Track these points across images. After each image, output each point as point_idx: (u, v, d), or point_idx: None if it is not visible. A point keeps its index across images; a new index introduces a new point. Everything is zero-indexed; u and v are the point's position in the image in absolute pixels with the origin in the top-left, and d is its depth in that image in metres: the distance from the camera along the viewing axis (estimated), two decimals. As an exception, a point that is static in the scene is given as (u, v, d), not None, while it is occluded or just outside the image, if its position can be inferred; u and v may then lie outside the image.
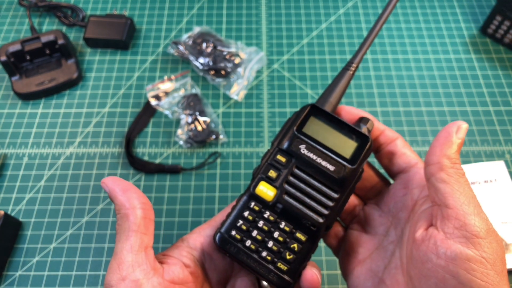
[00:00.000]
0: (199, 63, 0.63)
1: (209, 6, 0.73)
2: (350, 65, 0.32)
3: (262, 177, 0.30)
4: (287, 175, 0.30)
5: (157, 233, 0.52)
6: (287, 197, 0.29)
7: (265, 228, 0.29)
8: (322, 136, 0.30)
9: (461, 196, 0.24)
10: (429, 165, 0.26)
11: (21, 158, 0.58)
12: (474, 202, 0.24)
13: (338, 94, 0.32)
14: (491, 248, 0.23)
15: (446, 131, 0.26)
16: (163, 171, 0.56)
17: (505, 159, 0.56)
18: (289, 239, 0.29)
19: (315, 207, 0.29)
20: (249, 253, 0.29)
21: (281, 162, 0.30)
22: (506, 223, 0.50)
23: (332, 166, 0.29)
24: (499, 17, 0.64)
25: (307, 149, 0.30)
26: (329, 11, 0.72)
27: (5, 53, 0.61)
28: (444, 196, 0.25)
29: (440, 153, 0.26)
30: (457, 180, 0.25)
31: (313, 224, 0.29)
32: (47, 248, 0.51)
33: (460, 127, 0.26)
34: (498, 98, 0.62)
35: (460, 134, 0.26)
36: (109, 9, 0.73)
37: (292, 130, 0.30)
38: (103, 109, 0.62)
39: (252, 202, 0.29)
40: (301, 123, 0.31)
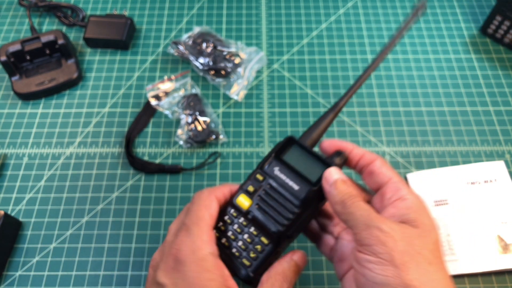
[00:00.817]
0: (199, 63, 0.63)
1: (209, 6, 0.73)
2: (336, 107, 0.37)
3: (243, 190, 0.37)
4: (260, 190, 0.36)
5: (157, 233, 0.52)
6: (257, 208, 0.35)
7: (238, 230, 0.35)
8: (295, 162, 0.36)
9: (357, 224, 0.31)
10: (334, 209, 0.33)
11: (21, 158, 0.58)
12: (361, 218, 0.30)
13: (320, 132, 0.37)
14: (384, 248, 0.28)
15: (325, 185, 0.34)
16: (163, 171, 0.56)
17: (505, 159, 0.56)
18: (254, 241, 0.35)
19: (276, 218, 0.35)
20: (223, 248, 0.35)
21: (259, 180, 0.37)
22: (506, 223, 0.50)
23: (297, 186, 0.35)
24: (499, 17, 0.64)
25: (280, 171, 0.36)
26: (329, 11, 0.72)
27: (5, 53, 0.61)
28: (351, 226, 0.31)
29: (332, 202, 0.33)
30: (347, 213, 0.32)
31: (273, 232, 0.34)
32: (47, 248, 0.51)
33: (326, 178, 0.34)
34: (498, 98, 0.62)
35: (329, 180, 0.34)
36: (109, 9, 0.73)
37: (271, 155, 0.37)
38: (103, 109, 0.62)
39: (232, 209, 0.36)
40: (279, 151, 0.37)
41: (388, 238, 0.28)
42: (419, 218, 0.30)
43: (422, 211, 0.30)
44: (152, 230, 0.52)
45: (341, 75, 0.64)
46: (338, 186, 0.32)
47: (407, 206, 0.30)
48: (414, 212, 0.30)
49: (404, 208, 0.30)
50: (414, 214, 0.30)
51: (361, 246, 0.29)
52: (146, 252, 0.51)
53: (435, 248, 0.29)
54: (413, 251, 0.28)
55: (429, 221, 0.30)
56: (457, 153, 0.57)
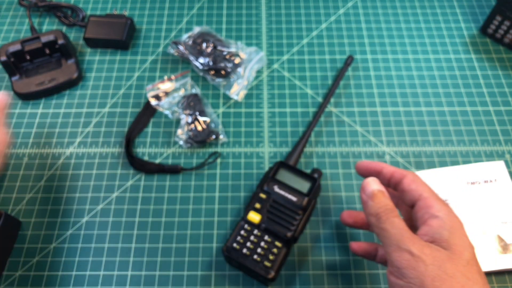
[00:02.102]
0: (199, 63, 0.63)
1: (209, 6, 0.73)
2: (305, 135, 0.55)
3: (251, 207, 0.48)
4: (267, 205, 0.48)
5: (157, 233, 0.52)
6: (267, 220, 0.47)
7: (255, 241, 0.46)
8: (288, 180, 0.49)
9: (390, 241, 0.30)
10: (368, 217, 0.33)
11: (21, 158, 0.58)
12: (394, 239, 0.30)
13: (299, 152, 0.55)
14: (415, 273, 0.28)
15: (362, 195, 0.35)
16: (163, 171, 0.56)
17: (505, 159, 0.56)
18: (270, 247, 0.45)
19: (285, 225, 0.46)
20: (246, 257, 0.45)
21: (263, 198, 0.48)
22: (506, 223, 0.50)
23: (295, 198, 0.47)
24: (499, 17, 0.64)
25: (279, 188, 0.49)
26: (329, 11, 0.72)
27: (5, 53, 0.61)
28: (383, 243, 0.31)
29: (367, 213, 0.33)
30: (379, 228, 0.31)
31: (285, 236, 0.45)
32: (47, 248, 0.51)
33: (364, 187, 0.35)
34: (498, 98, 0.62)
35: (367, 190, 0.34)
36: (109, 9, 0.73)
37: (268, 177, 0.50)
38: (103, 109, 0.62)
39: (246, 224, 0.47)
40: (274, 173, 0.50)
41: (419, 263, 0.27)
42: (451, 237, 0.29)
43: (455, 229, 0.29)
44: (152, 230, 0.52)
45: (341, 75, 0.64)
46: (376, 198, 0.32)
47: (439, 224, 0.30)
48: (446, 230, 0.29)
49: (436, 226, 0.30)
50: (446, 233, 0.29)
51: (393, 267, 0.29)
52: (146, 252, 0.51)
53: (469, 268, 0.28)
54: (445, 276, 0.27)
55: (461, 240, 0.29)
56: (457, 153, 0.57)
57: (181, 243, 0.51)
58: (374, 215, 0.31)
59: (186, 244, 0.51)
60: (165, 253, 0.51)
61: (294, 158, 0.54)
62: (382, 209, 0.31)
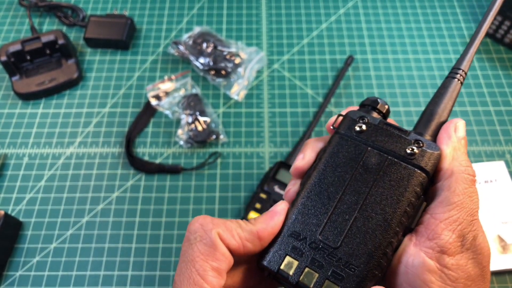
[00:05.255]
0: (199, 63, 0.63)
1: (209, 6, 0.73)
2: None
3: (251, 208, 0.48)
4: (268, 205, 0.47)
5: (157, 233, 0.52)
6: None
7: None
8: (288, 180, 0.47)
9: (452, 208, 0.23)
10: (442, 170, 0.25)
11: (21, 158, 0.58)
12: (463, 217, 0.23)
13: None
14: (457, 266, 0.22)
15: (445, 132, 0.25)
16: (163, 171, 0.56)
17: (505, 159, 0.56)
18: None
19: None
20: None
21: (263, 198, 0.49)
22: (506, 223, 0.50)
23: None
24: (500, 17, 0.64)
25: (279, 188, 0.50)
26: (329, 11, 0.72)
27: (5, 53, 0.61)
28: (435, 204, 0.24)
29: (449, 156, 0.25)
30: (463, 190, 0.23)
31: None
32: (47, 248, 0.51)
33: (456, 126, 0.25)
34: (498, 98, 0.62)
35: (458, 133, 0.25)
36: (109, 9, 0.73)
37: (269, 177, 0.50)
38: (103, 109, 0.62)
39: None
40: (274, 173, 0.51)
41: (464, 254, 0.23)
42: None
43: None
44: (152, 230, 0.52)
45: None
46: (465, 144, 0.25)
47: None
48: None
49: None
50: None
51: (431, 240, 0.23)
52: (147, 252, 0.51)
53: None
54: (480, 276, 0.23)
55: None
56: (457, 153, 0.57)
57: (181, 243, 0.51)
58: (468, 166, 0.24)
59: (186, 244, 0.51)
60: (165, 253, 0.51)
61: (294, 158, 0.54)
62: (467, 163, 0.24)
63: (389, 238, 0.22)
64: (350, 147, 0.25)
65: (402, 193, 0.23)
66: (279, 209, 0.25)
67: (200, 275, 0.22)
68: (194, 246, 0.23)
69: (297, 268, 0.22)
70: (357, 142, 0.25)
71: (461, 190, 0.23)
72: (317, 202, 0.24)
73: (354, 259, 0.22)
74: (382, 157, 0.24)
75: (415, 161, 0.23)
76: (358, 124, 0.25)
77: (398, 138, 0.24)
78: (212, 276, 0.22)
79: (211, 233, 0.23)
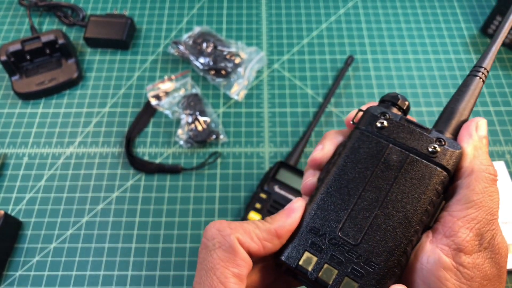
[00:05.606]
0: (199, 63, 0.63)
1: (209, 6, 0.73)
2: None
3: (252, 207, 0.48)
4: (268, 205, 0.49)
5: (157, 233, 0.52)
6: None
7: None
8: (288, 180, 0.50)
9: (470, 207, 0.23)
10: (463, 168, 0.25)
11: (21, 158, 0.58)
12: (482, 215, 0.23)
13: (299, 152, 0.37)
14: (473, 264, 0.22)
15: (466, 130, 0.25)
16: (163, 171, 0.56)
17: (505, 159, 0.56)
18: None
19: None
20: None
21: (263, 198, 0.50)
22: (506, 223, 0.50)
23: (294, 197, 0.43)
24: (500, 17, 0.64)
25: (279, 188, 0.50)
26: (329, 11, 0.72)
27: (5, 53, 0.61)
28: (453, 202, 0.23)
29: (471, 154, 0.24)
30: (483, 189, 0.23)
31: None
32: (47, 248, 0.51)
33: (478, 124, 0.25)
34: (498, 98, 0.62)
35: (479, 132, 0.25)
36: (109, 8, 0.73)
37: (269, 177, 0.51)
38: (103, 109, 0.62)
39: None
40: (274, 173, 0.51)
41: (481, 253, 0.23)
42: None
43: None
44: (152, 230, 0.52)
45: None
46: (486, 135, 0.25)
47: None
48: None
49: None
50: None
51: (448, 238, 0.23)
52: (146, 252, 0.51)
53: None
54: (497, 276, 0.23)
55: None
56: (457, 153, 0.57)
57: (181, 243, 0.51)
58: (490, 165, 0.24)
59: (186, 244, 0.51)
60: (165, 253, 0.51)
61: (294, 158, 0.54)
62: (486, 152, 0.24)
63: (409, 236, 0.22)
64: (371, 144, 0.24)
65: (423, 191, 0.23)
66: (297, 206, 0.24)
67: (222, 282, 0.21)
68: (213, 253, 0.22)
69: (316, 264, 0.22)
70: (378, 139, 0.24)
71: (481, 188, 0.23)
72: (337, 198, 0.23)
73: (374, 257, 0.22)
74: (403, 154, 0.24)
75: (437, 159, 0.23)
76: (379, 120, 0.25)
77: (420, 135, 0.24)
78: (233, 283, 0.21)
79: (230, 238, 0.22)
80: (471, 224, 0.22)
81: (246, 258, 0.22)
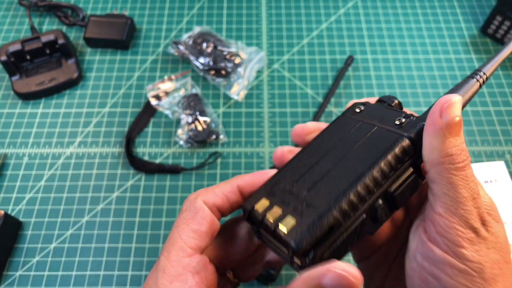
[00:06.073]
0: (199, 63, 0.63)
1: (209, 6, 0.73)
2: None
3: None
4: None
5: (157, 233, 0.52)
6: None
7: None
8: None
9: (448, 201, 0.22)
10: (423, 161, 0.24)
11: (21, 158, 0.58)
12: (464, 207, 0.22)
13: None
14: (477, 257, 0.22)
15: (431, 117, 0.23)
16: (163, 171, 0.56)
17: (505, 159, 0.56)
18: None
19: None
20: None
21: None
22: (506, 223, 0.50)
23: None
24: (500, 17, 0.64)
25: None
26: (329, 11, 0.72)
27: (5, 53, 0.61)
28: (433, 198, 0.23)
29: (427, 146, 0.23)
30: (448, 180, 0.22)
31: None
32: (47, 248, 0.51)
33: (444, 107, 0.22)
34: (498, 98, 0.62)
35: (447, 114, 0.22)
36: (109, 9, 0.73)
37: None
38: (103, 109, 0.62)
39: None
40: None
41: (482, 244, 0.22)
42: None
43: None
44: (152, 230, 0.52)
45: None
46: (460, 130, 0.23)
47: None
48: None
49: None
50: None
51: (442, 237, 0.22)
52: (146, 252, 0.51)
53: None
54: (503, 261, 0.22)
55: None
56: (457, 153, 0.57)
57: (181, 243, 0.51)
58: (446, 156, 0.22)
59: (186, 244, 0.51)
60: (165, 253, 0.51)
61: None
62: (459, 151, 0.22)
63: (357, 189, 0.22)
64: (345, 121, 0.27)
65: (381, 154, 0.23)
66: (262, 170, 0.27)
67: (179, 235, 0.24)
68: (180, 215, 0.26)
69: (267, 207, 0.24)
70: (352, 117, 0.27)
71: (449, 180, 0.22)
72: (303, 162, 0.26)
73: (317, 201, 0.23)
74: (370, 126, 0.25)
75: (400, 130, 0.24)
76: (358, 107, 0.27)
77: (391, 113, 0.26)
78: (189, 236, 0.24)
79: (195, 201, 0.26)
80: (459, 219, 0.22)
81: (207, 216, 0.25)
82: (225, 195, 0.26)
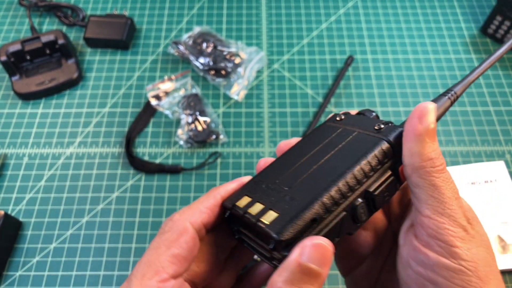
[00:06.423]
0: (199, 63, 0.63)
1: (209, 6, 0.73)
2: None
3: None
4: None
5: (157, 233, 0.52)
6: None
7: None
8: None
9: (434, 202, 0.22)
10: (404, 166, 0.24)
11: (21, 158, 0.58)
12: (450, 206, 0.22)
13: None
14: (470, 255, 0.22)
15: (410, 123, 0.23)
16: (163, 171, 0.56)
17: (505, 159, 0.56)
18: None
19: None
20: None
21: None
22: (506, 223, 0.50)
23: None
24: (500, 17, 0.64)
25: None
26: (329, 11, 0.72)
27: (5, 53, 0.61)
28: (418, 202, 0.23)
29: (408, 152, 0.23)
30: (431, 182, 0.22)
31: None
32: (47, 248, 0.51)
33: (422, 113, 0.23)
34: (498, 98, 0.62)
35: (425, 120, 0.23)
36: (109, 9, 0.73)
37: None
38: (103, 109, 0.62)
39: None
40: None
41: (472, 243, 0.22)
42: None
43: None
44: (152, 230, 0.52)
45: (341, 75, 0.64)
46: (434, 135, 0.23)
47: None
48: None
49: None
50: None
51: (435, 239, 0.22)
52: (146, 252, 0.51)
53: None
54: (491, 259, 0.23)
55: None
56: (457, 153, 0.57)
57: (181, 243, 0.51)
58: (427, 160, 0.23)
59: (186, 244, 0.51)
60: (165, 253, 0.51)
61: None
62: (438, 155, 0.23)
63: (338, 185, 0.23)
64: (327, 128, 0.28)
65: (361, 155, 0.24)
66: (243, 177, 0.28)
67: (158, 257, 0.23)
68: (162, 235, 0.25)
69: (249, 203, 0.24)
70: (333, 125, 0.28)
71: (432, 182, 0.23)
72: (285, 163, 0.26)
73: (299, 196, 0.23)
74: (351, 131, 0.26)
75: (380, 134, 0.25)
76: (339, 116, 0.29)
77: (371, 121, 0.27)
78: (167, 261, 0.23)
79: (179, 222, 0.25)
80: (448, 218, 0.22)
81: (190, 240, 0.24)
82: (210, 210, 0.25)
